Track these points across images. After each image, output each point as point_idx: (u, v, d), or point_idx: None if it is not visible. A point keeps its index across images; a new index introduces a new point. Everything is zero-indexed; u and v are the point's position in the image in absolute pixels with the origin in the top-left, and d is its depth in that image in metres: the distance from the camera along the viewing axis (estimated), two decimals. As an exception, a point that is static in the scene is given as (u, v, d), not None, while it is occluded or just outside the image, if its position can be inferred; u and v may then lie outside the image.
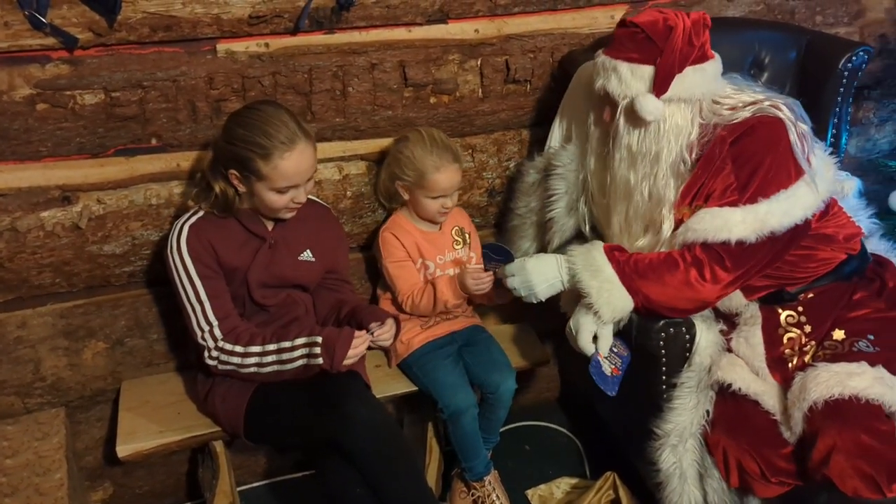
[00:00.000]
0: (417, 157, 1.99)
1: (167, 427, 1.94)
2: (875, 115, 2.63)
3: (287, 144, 1.71)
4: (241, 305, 1.86)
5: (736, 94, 1.75)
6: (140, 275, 2.04)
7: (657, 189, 1.74)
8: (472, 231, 2.21)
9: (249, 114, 1.75)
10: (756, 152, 1.67)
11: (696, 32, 1.65)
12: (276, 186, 1.74)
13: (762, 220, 1.66)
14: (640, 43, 1.65)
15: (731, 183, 1.69)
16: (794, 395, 1.68)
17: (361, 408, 1.74)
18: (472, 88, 2.14)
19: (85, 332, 2.04)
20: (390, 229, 2.10)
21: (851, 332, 1.76)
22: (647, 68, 1.65)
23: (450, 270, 2.13)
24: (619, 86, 1.68)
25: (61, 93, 1.78)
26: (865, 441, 1.55)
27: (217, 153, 1.79)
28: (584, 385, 2.44)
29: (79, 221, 1.91)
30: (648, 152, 1.70)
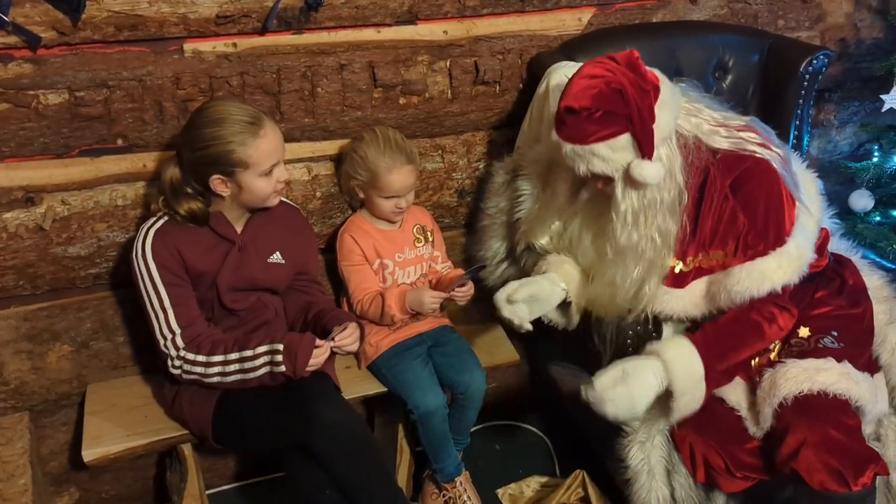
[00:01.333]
0: (370, 157, 1.99)
1: (134, 431, 1.92)
2: (835, 118, 2.68)
3: (256, 124, 1.71)
4: (210, 310, 1.85)
5: (696, 112, 1.70)
6: (106, 277, 2.02)
7: (662, 232, 1.67)
8: (435, 229, 2.22)
9: (204, 115, 1.73)
10: (760, 197, 1.66)
11: (639, 75, 1.58)
12: (263, 168, 1.73)
13: (798, 259, 1.67)
14: (599, 122, 1.56)
15: (747, 232, 1.67)
16: (765, 391, 1.70)
17: (329, 410, 1.74)
18: (442, 90, 2.14)
19: (49, 335, 2.01)
20: (349, 231, 2.10)
21: (816, 329, 1.79)
22: (622, 137, 1.57)
23: (411, 268, 2.14)
24: (606, 165, 1.59)
25: (24, 92, 1.76)
26: (833, 435, 1.58)
27: (189, 168, 1.76)
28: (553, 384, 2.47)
29: (42, 223, 1.88)
30: (652, 204, 1.64)
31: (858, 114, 2.70)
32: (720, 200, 1.68)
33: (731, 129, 1.70)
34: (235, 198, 1.78)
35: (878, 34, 2.57)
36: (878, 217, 2.55)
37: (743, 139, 1.69)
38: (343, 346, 1.81)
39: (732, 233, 1.68)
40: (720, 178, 1.68)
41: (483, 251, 2.17)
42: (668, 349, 1.69)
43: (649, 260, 1.69)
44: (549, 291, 1.85)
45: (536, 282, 1.85)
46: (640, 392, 1.65)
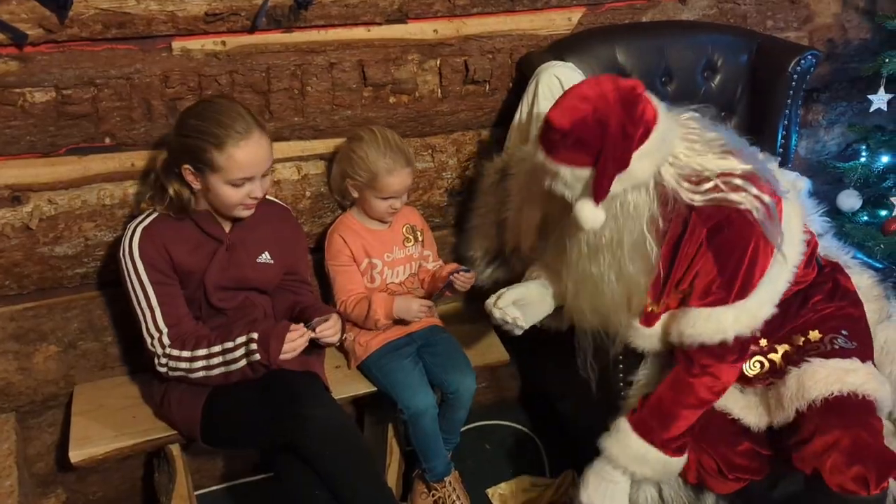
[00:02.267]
0: (371, 158, 1.99)
1: (122, 431, 1.90)
2: (824, 118, 2.70)
3: (242, 134, 1.69)
4: (198, 309, 1.84)
5: (689, 155, 1.59)
6: (93, 276, 2.00)
7: (625, 274, 1.63)
8: (425, 228, 2.22)
9: (204, 105, 1.73)
10: (735, 247, 1.61)
11: (630, 116, 1.48)
12: (230, 178, 1.71)
13: (754, 315, 1.66)
14: (571, 147, 1.49)
15: (713, 278, 1.63)
16: (791, 391, 1.68)
17: (318, 409, 1.73)
18: (432, 89, 2.14)
19: (36, 335, 1.99)
20: (338, 231, 2.10)
21: (826, 329, 1.78)
22: (586, 171, 1.50)
23: (400, 268, 2.14)
24: (565, 189, 1.53)
25: (10, 90, 1.74)
26: (865, 439, 1.57)
27: (171, 149, 1.76)
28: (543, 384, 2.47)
29: (29, 222, 1.86)
30: (610, 241, 1.58)
31: (846, 114, 2.71)
32: (695, 246, 1.64)
33: (722, 180, 1.59)
34: (205, 195, 1.77)
35: (866, 35, 2.58)
36: (866, 217, 2.57)
37: (724, 195, 1.58)
38: (324, 336, 1.80)
39: (701, 276, 1.65)
40: (699, 225, 1.62)
41: (472, 251, 2.17)
42: (609, 444, 1.75)
43: (611, 299, 1.66)
44: (539, 296, 1.84)
45: (526, 286, 1.84)
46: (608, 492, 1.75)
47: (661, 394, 1.72)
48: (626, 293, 1.66)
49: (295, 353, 1.74)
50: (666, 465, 1.72)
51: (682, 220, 1.62)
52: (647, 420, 1.71)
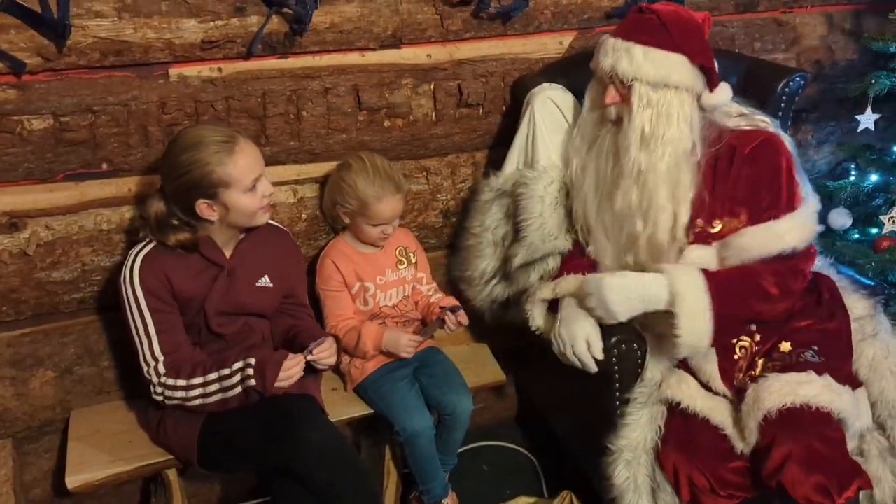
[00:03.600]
0: (360, 186, 2.00)
1: (118, 456, 1.90)
2: (813, 137, 2.73)
3: (231, 142, 1.72)
4: (197, 334, 1.84)
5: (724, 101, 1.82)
6: (90, 301, 2.01)
7: (672, 174, 1.76)
8: (419, 250, 2.23)
9: (178, 143, 1.73)
10: (774, 167, 1.77)
11: (706, 28, 1.77)
12: (245, 184, 1.73)
13: (804, 227, 1.77)
14: (654, 28, 1.72)
15: (760, 198, 1.76)
16: (749, 405, 1.72)
17: (315, 432, 1.73)
18: (426, 112, 2.16)
19: (32, 360, 1.99)
20: (330, 255, 2.10)
21: (797, 343, 1.82)
22: (659, 52, 1.71)
23: (392, 291, 2.14)
24: (630, 67, 1.72)
25: (8, 118, 1.76)
26: (818, 448, 1.60)
27: (173, 195, 1.75)
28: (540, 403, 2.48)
29: (26, 248, 1.87)
30: (662, 135, 1.74)
31: (835, 133, 2.74)
32: (738, 167, 1.77)
33: (750, 116, 1.83)
34: (223, 220, 1.78)
35: (852, 56, 2.62)
36: (857, 235, 2.59)
37: (758, 122, 1.81)
38: (321, 359, 1.80)
39: (750, 199, 1.77)
40: (738, 147, 1.77)
41: (470, 271, 2.18)
42: (674, 269, 1.76)
43: (656, 201, 1.77)
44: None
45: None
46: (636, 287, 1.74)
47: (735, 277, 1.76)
48: (672, 196, 1.77)
49: (291, 381, 1.74)
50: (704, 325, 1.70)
51: (718, 144, 1.77)
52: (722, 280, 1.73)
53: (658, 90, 1.73)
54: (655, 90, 1.73)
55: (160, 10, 1.79)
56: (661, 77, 1.72)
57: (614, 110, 1.81)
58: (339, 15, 1.95)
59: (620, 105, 1.78)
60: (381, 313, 2.14)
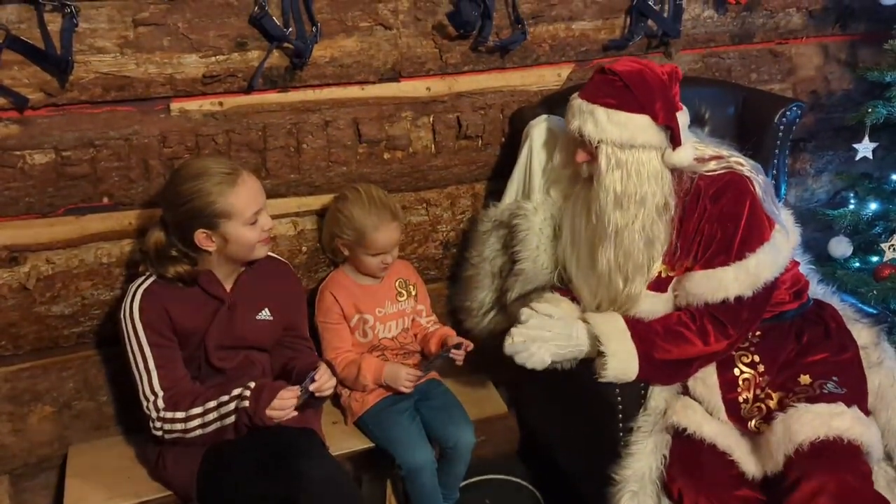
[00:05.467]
0: (356, 216, 2.00)
1: (117, 492, 1.88)
2: (811, 167, 2.74)
3: (233, 173, 1.73)
4: (197, 369, 1.83)
5: (700, 146, 1.84)
6: (90, 335, 2.00)
7: (647, 231, 1.78)
8: (418, 282, 2.22)
9: (181, 173, 1.75)
10: (734, 210, 1.77)
11: (673, 86, 1.76)
12: (245, 217, 1.74)
13: (755, 275, 1.76)
14: (618, 90, 1.73)
15: (715, 241, 1.78)
16: (778, 436, 1.69)
17: (317, 467, 1.71)
18: (425, 144, 2.18)
19: (31, 395, 1.98)
20: (329, 288, 2.10)
21: (816, 375, 1.80)
22: (622, 114, 1.72)
23: (392, 323, 2.13)
24: (595, 129, 1.73)
25: (10, 153, 1.77)
26: (850, 483, 1.58)
27: (174, 225, 1.76)
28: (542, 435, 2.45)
29: (26, 282, 1.87)
30: (634, 194, 1.75)
31: (833, 162, 2.76)
32: (700, 210, 1.79)
33: (723, 159, 1.82)
34: (222, 252, 1.78)
35: (848, 86, 2.64)
36: (858, 263, 2.59)
37: (730, 163, 1.81)
38: (321, 384, 1.77)
39: (705, 240, 1.79)
40: (704, 188, 1.79)
41: (468, 301, 2.18)
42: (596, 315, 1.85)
43: (634, 258, 1.78)
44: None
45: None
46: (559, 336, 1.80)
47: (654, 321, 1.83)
48: (643, 253, 1.79)
49: (283, 414, 1.70)
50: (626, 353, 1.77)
51: (688, 192, 1.80)
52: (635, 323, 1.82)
53: (625, 150, 1.74)
54: (622, 150, 1.74)
55: (162, 45, 1.81)
56: (626, 139, 1.73)
57: (586, 168, 1.83)
58: (339, 49, 1.97)
59: (591, 164, 1.80)
60: (381, 345, 2.13)
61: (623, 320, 1.82)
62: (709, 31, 2.39)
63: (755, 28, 2.44)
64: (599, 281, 1.85)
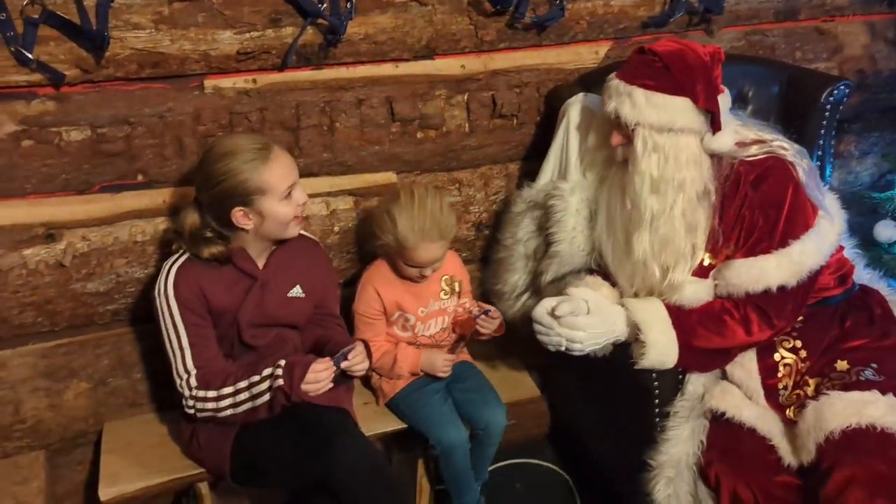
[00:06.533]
0: (400, 225, 1.90)
1: (151, 469, 1.89)
2: (856, 149, 2.67)
3: (265, 149, 1.72)
4: (230, 346, 1.83)
5: (742, 129, 1.78)
6: (124, 313, 2.01)
7: (688, 218, 1.73)
8: (464, 278, 2.15)
9: (213, 152, 1.72)
10: (776, 196, 1.71)
11: (714, 65, 1.69)
12: (281, 191, 1.72)
13: (799, 263, 1.71)
14: (657, 71, 1.67)
15: (757, 229, 1.72)
16: (809, 423, 1.65)
17: (350, 446, 1.70)
18: (459, 123, 2.15)
19: (66, 372, 2.00)
20: (372, 282, 2.03)
21: (854, 361, 1.76)
22: (661, 96, 1.67)
23: (432, 321, 2.09)
24: (633, 111, 1.68)
25: (47, 129, 1.77)
26: (883, 472, 1.54)
27: (208, 205, 1.75)
28: (574, 420, 2.42)
29: (63, 259, 1.88)
30: (672, 180, 1.70)
31: (878, 144, 2.68)
32: (741, 197, 1.73)
33: (765, 143, 1.75)
34: (258, 230, 1.77)
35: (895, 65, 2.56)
36: (907, 248, 2.52)
37: (773, 148, 1.75)
38: (354, 364, 1.76)
39: (746, 227, 1.73)
40: (744, 174, 1.73)
41: (500, 285, 2.15)
42: (636, 300, 1.79)
43: (675, 246, 1.73)
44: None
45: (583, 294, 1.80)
46: (606, 326, 1.74)
47: (695, 309, 1.76)
48: (690, 240, 1.74)
49: (318, 387, 1.71)
50: (667, 342, 1.72)
51: (728, 178, 1.73)
52: (676, 311, 1.75)
53: (663, 134, 1.68)
54: (660, 134, 1.68)
55: (197, 21, 1.79)
56: (665, 122, 1.67)
57: (621, 152, 1.78)
58: (373, 26, 1.95)
59: (626, 147, 1.75)
60: (417, 342, 2.10)
61: (664, 307, 1.77)
62: (752, 8, 2.32)
63: (800, 4, 2.37)
64: (635, 269, 1.80)
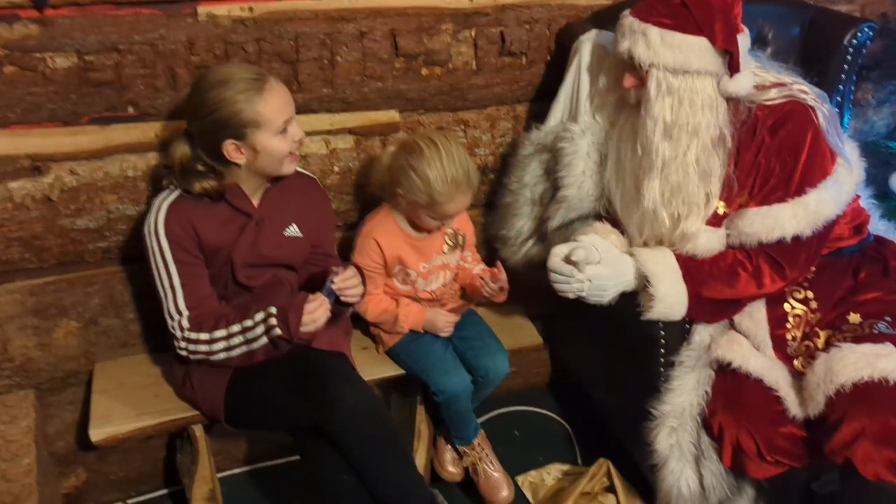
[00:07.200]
0: (431, 182, 1.81)
1: (143, 410, 1.85)
2: (873, 97, 2.58)
3: (261, 80, 1.63)
4: (224, 287, 1.77)
5: (761, 71, 1.71)
6: (115, 251, 1.94)
7: (703, 164, 1.66)
8: (469, 230, 2.08)
9: (206, 80, 1.64)
10: (794, 143, 1.65)
11: (734, 3, 1.62)
12: (276, 126, 1.64)
13: (815, 212, 1.65)
14: (674, 8, 1.59)
15: (773, 176, 1.66)
16: (819, 376, 1.62)
17: (349, 391, 1.66)
18: (466, 60, 2.06)
19: (56, 310, 1.94)
20: (374, 234, 1.95)
21: (867, 314, 1.72)
22: (677, 35, 1.59)
23: (433, 276, 2.02)
24: (647, 52, 1.60)
25: (31, 55, 1.68)
26: (893, 425, 1.51)
27: (199, 136, 1.67)
28: (575, 369, 2.40)
29: (50, 193, 1.81)
30: (686, 125, 1.63)
31: (896, 93, 2.60)
32: (758, 143, 1.67)
33: (785, 87, 1.68)
34: (251, 165, 1.69)
35: (920, 10, 2.46)
36: (919, 200, 2.46)
37: (793, 91, 1.67)
38: (346, 288, 1.71)
39: (762, 174, 1.68)
40: (762, 119, 1.67)
41: (505, 230, 2.10)
42: (644, 250, 1.74)
43: (688, 193, 1.67)
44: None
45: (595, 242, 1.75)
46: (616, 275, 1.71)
47: (709, 266, 1.72)
48: (704, 188, 1.68)
49: (316, 324, 1.65)
50: (677, 294, 1.69)
51: (745, 123, 1.67)
52: (686, 262, 1.72)
53: (678, 76, 1.61)
54: (675, 76, 1.61)
55: (189, -59, 1.69)
56: (681, 63, 1.60)
57: (633, 94, 1.70)
58: (377, -48, 1.84)
59: (639, 90, 1.67)
60: (418, 297, 2.04)
61: (674, 258, 1.71)
62: (774, -55, 2.20)
63: (824, -58, 2.26)
64: (644, 217, 1.74)
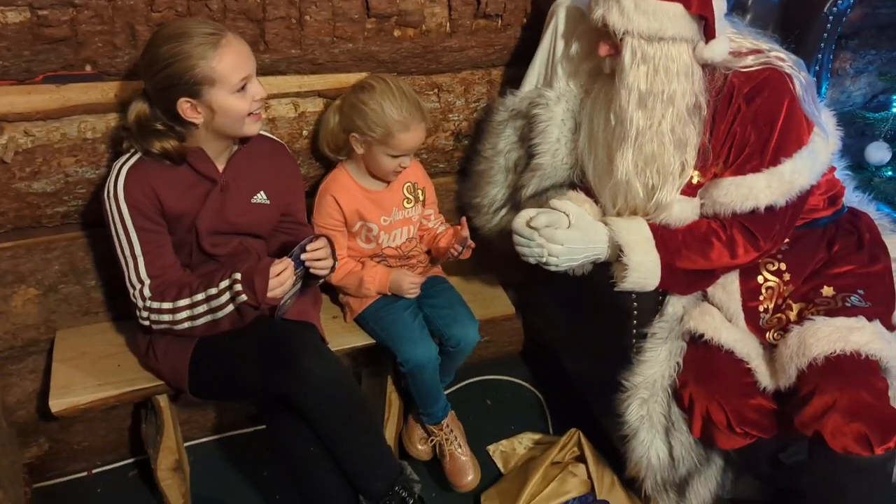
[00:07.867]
0: (386, 111, 1.81)
1: (106, 380, 1.81)
2: (851, 67, 2.56)
3: (217, 34, 1.56)
4: (188, 255, 1.72)
5: (737, 38, 1.66)
6: (75, 216, 1.88)
7: (678, 133, 1.63)
8: (427, 184, 2.06)
9: (161, 34, 1.57)
10: (770, 112, 1.61)
11: None
12: (232, 83, 1.57)
13: (789, 182, 1.62)
14: None
15: (748, 145, 1.63)
16: (791, 349, 1.62)
17: (315, 362, 1.63)
18: (440, 22, 1.99)
19: (14, 277, 1.88)
20: (331, 190, 1.93)
21: (840, 287, 1.72)
22: (651, 1, 1.53)
23: (397, 231, 2.00)
24: (621, 19, 1.55)
25: (-21, 8, 1.60)
26: (864, 399, 1.52)
27: (153, 93, 1.60)
28: (548, 338, 2.38)
29: (3, 155, 1.73)
30: (661, 93, 1.59)
31: (874, 63, 2.57)
32: (734, 111, 1.63)
33: (762, 53, 1.64)
34: (209, 126, 1.62)
35: (901, -23, 2.43)
36: (890, 172, 2.45)
37: (770, 59, 1.63)
38: (315, 258, 1.67)
39: (737, 143, 1.65)
40: (738, 86, 1.63)
41: (479, 198, 2.06)
42: (619, 220, 1.71)
43: (662, 163, 1.64)
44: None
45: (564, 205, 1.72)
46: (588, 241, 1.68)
47: (683, 236, 1.70)
48: (672, 157, 1.64)
49: (284, 289, 1.61)
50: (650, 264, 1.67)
51: (720, 91, 1.64)
52: (660, 231, 1.69)
53: (653, 43, 1.56)
54: (650, 43, 1.56)
55: None
56: (655, 30, 1.55)
57: (608, 63, 1.65)
58: None
59: (615, 58, 1.63)
60: (383, 254, 2.01)
61: (648, 227, 1.69)
62: None
63: None
64: (618, 188, 1.71)
